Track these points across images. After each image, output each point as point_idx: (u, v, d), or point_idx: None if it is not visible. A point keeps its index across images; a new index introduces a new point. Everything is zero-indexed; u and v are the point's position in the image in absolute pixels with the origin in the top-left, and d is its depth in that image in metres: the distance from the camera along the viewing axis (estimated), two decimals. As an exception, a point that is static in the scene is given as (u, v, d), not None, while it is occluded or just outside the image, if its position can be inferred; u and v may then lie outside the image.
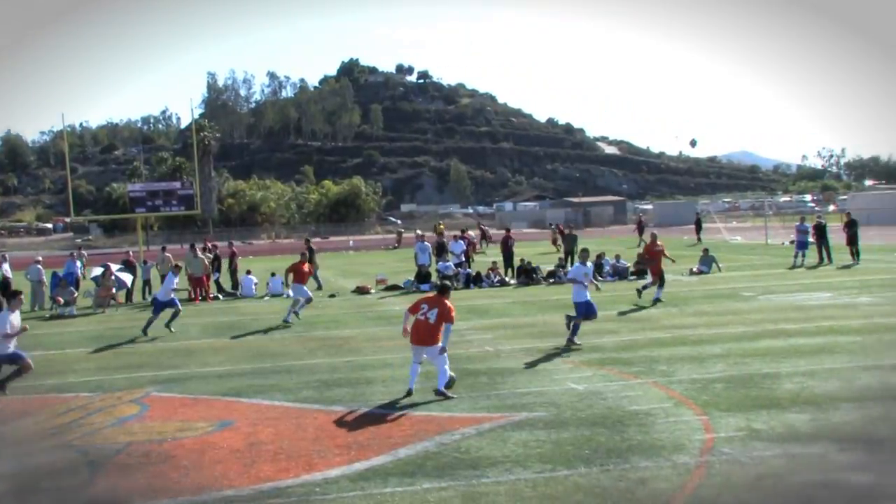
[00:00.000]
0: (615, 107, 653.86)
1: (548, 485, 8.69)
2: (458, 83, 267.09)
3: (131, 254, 34.32)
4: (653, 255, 24.51)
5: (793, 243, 36.32)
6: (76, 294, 29.03)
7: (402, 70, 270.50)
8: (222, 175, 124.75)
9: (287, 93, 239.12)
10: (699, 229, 56.87)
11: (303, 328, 21.75)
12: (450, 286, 14.36)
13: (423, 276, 31.46)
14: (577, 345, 16.88)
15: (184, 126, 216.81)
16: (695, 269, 32.37)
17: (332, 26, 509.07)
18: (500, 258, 34.33)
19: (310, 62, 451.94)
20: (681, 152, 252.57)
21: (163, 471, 9.83)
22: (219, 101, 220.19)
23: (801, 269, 32.33)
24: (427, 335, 13.19)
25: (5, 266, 30.44)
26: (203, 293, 30.33)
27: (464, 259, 33.20)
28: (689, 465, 9.04)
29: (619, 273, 31.53)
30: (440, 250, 33.60)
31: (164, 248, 32.75)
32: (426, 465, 9.52)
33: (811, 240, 35.42)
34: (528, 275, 31.61)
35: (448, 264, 31.80)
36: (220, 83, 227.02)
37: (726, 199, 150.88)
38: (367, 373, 15.23)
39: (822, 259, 34.28)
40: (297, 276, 23.53)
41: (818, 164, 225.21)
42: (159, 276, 29.04)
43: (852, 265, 32.55)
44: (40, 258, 32.78)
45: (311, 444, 10.60)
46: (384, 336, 19.77)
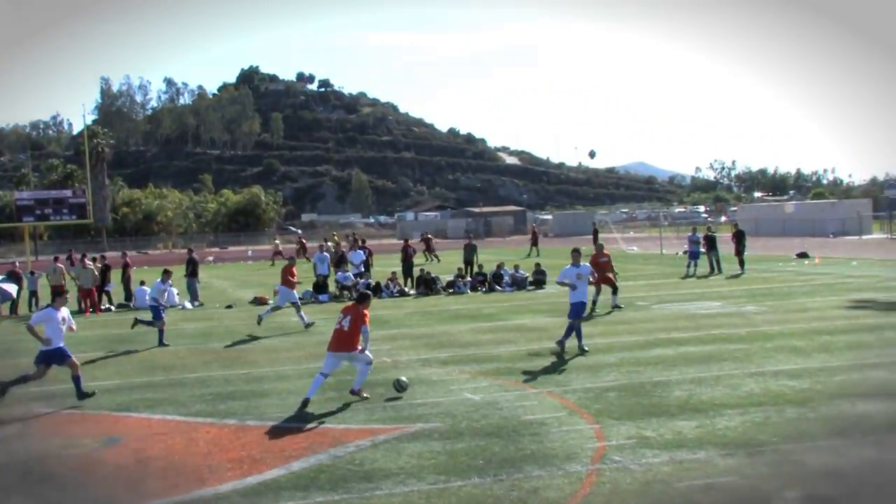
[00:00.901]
0: (516, 117, 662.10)
1: (441, 496, 8.73)
2: (359, 92, 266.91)
3: (17, 264, 33.11)
4: (598, 265, 24.89)
5: (686, 253, 37.30)
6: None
7: (303, 78, 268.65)
8: (117, 183, 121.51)
9: (185, 100, 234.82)
10: (596, 239, 57.96)
11: (199, 340, 21.35)
12: (369, 295, 14.39)
13: (321, 287, 31.24)
14: (585, 351, 16.83)
15: (76, 132, 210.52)
16: (591, 280, 32.88)
17: (231, 33, 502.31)
18: (400, 268, 34.31)
19: (208, 69, 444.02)
20: (580, 163, 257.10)
21: (42, 491, 9.50)
22: (113, 108, 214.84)
23: (693, 279, 33.25)
24: (344, 342, 13.32)
25: None
26: (93, 305, 29.49)
27: (363, 269, 33.08)
28: (580, 474, 9.20)
29: (518, 283, 31.89)
30: (340, 261, 33.41)
31: (56, 259, 31.77)
32: (320, 479, 9.44)
33: (702, 250, 36.48)
34: (427, 285, 31.70)
35: (347, 275, 31.65)
36: (115, 89, 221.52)
37: (624, 210, 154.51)
38: (262, 385, 15.03)
39: (712, 269, 35.30)
40: (286, 281, 23.57)
41: (711, 175, 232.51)
42: (49, 286, 28.11)
43: (739, 274, 33.64)
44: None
45: (203, 459, 10.40)
46: (281, 348, 19.56)
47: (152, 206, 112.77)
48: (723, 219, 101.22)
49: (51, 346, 13.93)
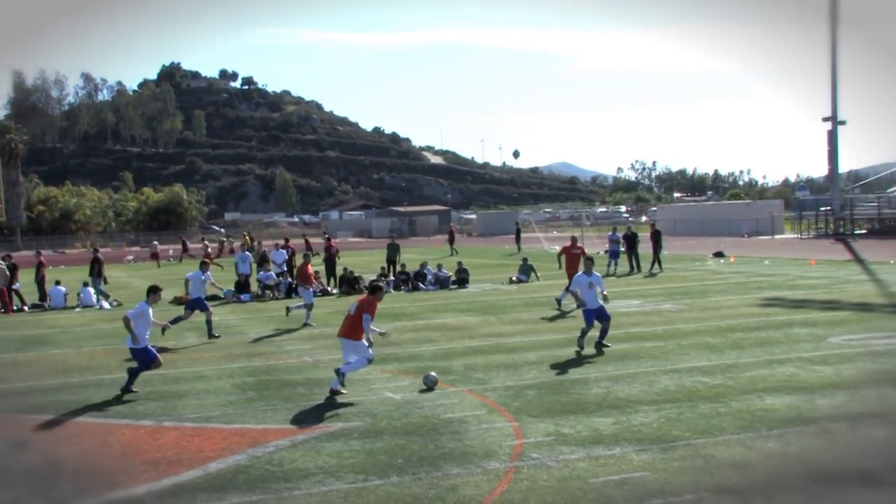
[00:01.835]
0: (441, 117, 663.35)
1: (359, 495, 8.71)
2: (283, 90, 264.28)
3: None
4: (570, 257, 25.16)
5: (606, 252, 37.86)
6: None
7: (226, 76, 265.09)
8: (32, 181, 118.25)
9: (104, 96, 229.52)
10: (519, 238, 58.53)
11: (116, 340, 20.89)
12: (381, 287, 14.45)
13: (242, 286, 30.88)
14: (607, 346, 16.62)
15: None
16: (514, 278, 33.24)
17: (151, 28, 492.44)
18: (323, 267, 34.08)
19: (127, 65, 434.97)
20: (504, 163, 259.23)
21: (-50, 496, 9.21)
22: (27, 103, 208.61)
23: (613, 278, 33.76)
24: (349, 328, 13.58)
25: None
26: (4, 305, 28.67)
27: (286, 269, 32.79)
28: (498, 471, 9.27)
29: (441, 282, 31.98)
30: (262, 260, 33.06)
31: None
32: (237, 479, 9.34)
33: (622, 249, 37.10)
34: (350, 284, 31.58)
35: (269, 274, 31.34)
36: (29, 83, 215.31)
37: (547, 210, 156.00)
38: (180, 386, 14.79)
39: (632, 268, 35.91)
40: (303, 279, 23.21)
41: (632, 176, 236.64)
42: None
43: (658, 273, 34.29)
44: None
45: (117, 462, 10.20)
46: (201, 348, 19.30)
47: (70, 204, 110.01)
48: (643, 219, 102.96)
49: None
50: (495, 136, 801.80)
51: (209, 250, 54.81)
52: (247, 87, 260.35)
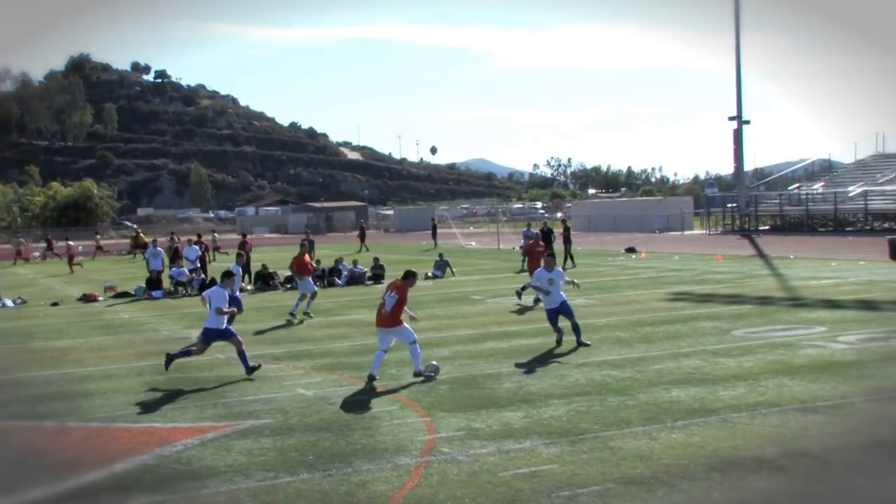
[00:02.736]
0: (358, 113, 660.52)
1: (269, 492, 8.62)
2: (198, 84, 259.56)
3: None
4: (535, 254, 25.31)
5: (521, 248, 38.19)
6: None
7: (139, 68, 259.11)
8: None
9: (6, 86, 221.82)
10: (435, 234, 58.68)
11: (20, 339, 20.29)
12: (414, 273, 14.69)
13: (154, 283, 30.26)
14: (585, 343, 16.28)
15: None
16: (429, 274, 33.28)
17: (57, 17, 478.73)
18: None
19: (32, 55, 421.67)
20: (422, 159, 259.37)
21: None
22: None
23: (527, 273, 34.04)
24: (387, 317, 13.87)
25: None
26: None
27: (199, 265, 32.23)
28: (409, 466, 9.28)
29: (356, 278, 31.85)
30: (174, 256, 32.45)
31: None
32: (143, 479, 9.15)
33: (538, 245, 37.46)
34: (265, 280, 31.23)
35: (182, 270, 30.79)
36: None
37: (464, 206, 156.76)
38: (86, 385, 14.43)
39: (546, 263, 36.27)
40: (302, 269, 22.80)
41: (548, 173, 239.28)
42: None
43: (570, 268, 34.74)
44: None
45: (16, 465, 9.89)
46: (110, 346, 18.87)
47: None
48: (559, 215, 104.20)
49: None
50: (413, 132, 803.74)
51: (216, 241, 52.17)
52: (160, 80, 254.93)
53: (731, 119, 64.51)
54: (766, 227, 64.31)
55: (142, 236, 56.86)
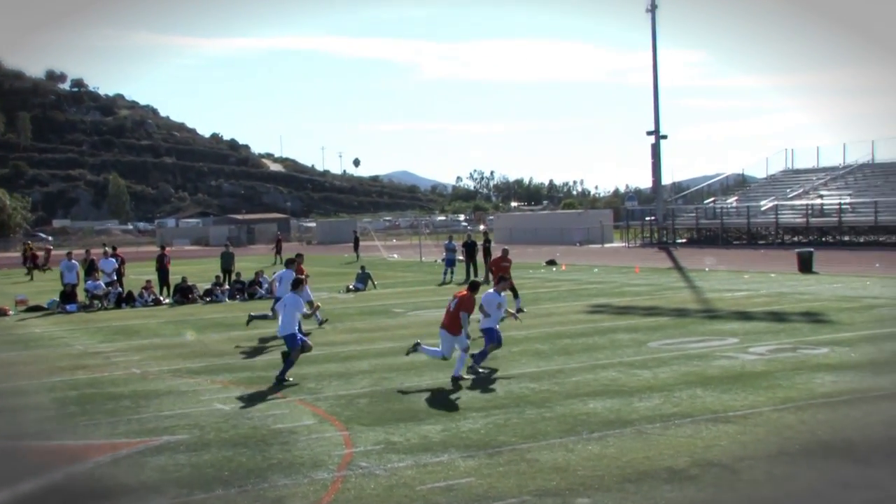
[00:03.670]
0: (281, 124, 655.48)
1: (182, 510, 8.46)
2: (116, 94, 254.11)
3: None
4: (500, 269, 25.00)
5: (443, 261, 38.31)
6: None
7: (54, 77, 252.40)
8: None
9: None
10: (357, 246, 58.46)
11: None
12: (479, 283, 15.55)
13: (68, 296, 29.49)
14: (482, 371, 15.18)
15: None
16: (351, 287, 33.15)
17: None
18: (156, 276, 32.97)
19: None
20: (345, 171, 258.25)
21: None
22: None
23: (451, 285, 34.18)
24: (449, 323, 14.63)
25: None
26: None
27: (115, 278, 31.50)
28: (325, 481, 9.20)
29: (278, 291, 31.49)
30: (90, 269, 31.68)
31: None
32: (49, 500, 8.90)
33: (460, 257, 37.72)
34: (184, 293, 30.71)
35: (98, 283, 30.06)
36: None
37: (387, 218, 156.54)
38: (-6, 403, 13.97)
39: (468, 276, 36.41)
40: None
41: (471, 185, 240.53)
42: None
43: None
44: None
45: (-82, 486, 9.52)
46: (21, 361, 18.34)
47: None
48: (481, 227, 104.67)
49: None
50: (336, 144, 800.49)
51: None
52: (77, 89, 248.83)
53: (650, 134, 65.90)
54: (683, 240, 65.71)
55: (30, 246, 55.06)
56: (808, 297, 25.03)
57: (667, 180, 75.72)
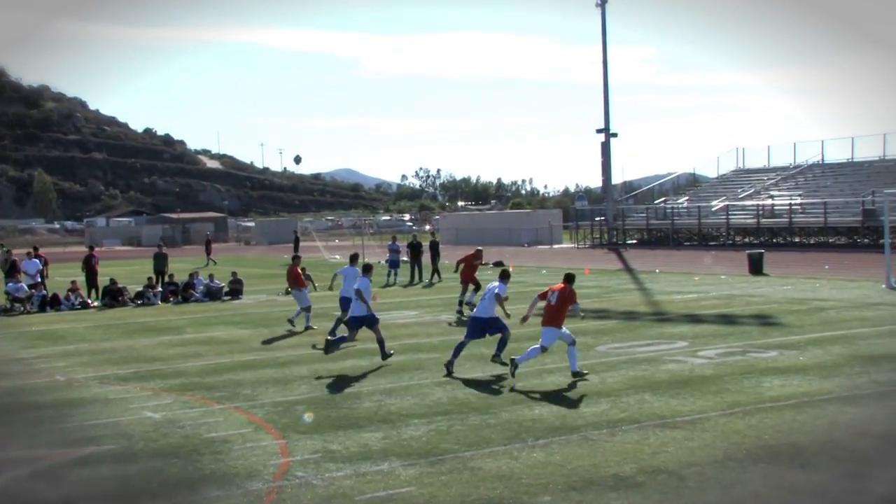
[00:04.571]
0: (218, 120, 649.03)
1: (107, 525, 8.33)
2: (41, 85, 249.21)
3: None
4: (471, 267, 25.16)
5: (387, 262, 38.22)
6: None
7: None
8: None
9: None
10: (297, 247, 57.98)
11: None
12: (574, 276, 15.46)
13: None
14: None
15: None
16: (289, 289, 32.84)
17: None
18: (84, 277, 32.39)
19: None
20: (285, 168, 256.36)
21: None
22: None
23: (394, 288, 34.18)
24: (553, 317, 14.77)
25: None
26: None
27: (39, 279, 30.89)
28: (260, 492, 9.13)
29: (213, 294, 31.18)
30: (11, 270, 31.04)
31: None
32: (-34, 516, 8.71)
33: (404, 258, 37.72)
34: (113, 296, 30.23)
35: (20, 285, 29.46)
36: None
37: (329, 217, 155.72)
38: None
39: (413, 278, 36.47)
40: (297, 281, 22.47)
41: (416, 184, 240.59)
42: None
43: (437, 283, 35.02)
44: None
45: None
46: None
47: None
48: (427, 227, 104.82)
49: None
50: (276, 140, 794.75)
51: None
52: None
53: (599, 132, 66.42)
54: (634, 241, 66.44)
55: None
56: (757, 300, 25.47)
57: (617, 179, 76.39)
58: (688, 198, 69.28)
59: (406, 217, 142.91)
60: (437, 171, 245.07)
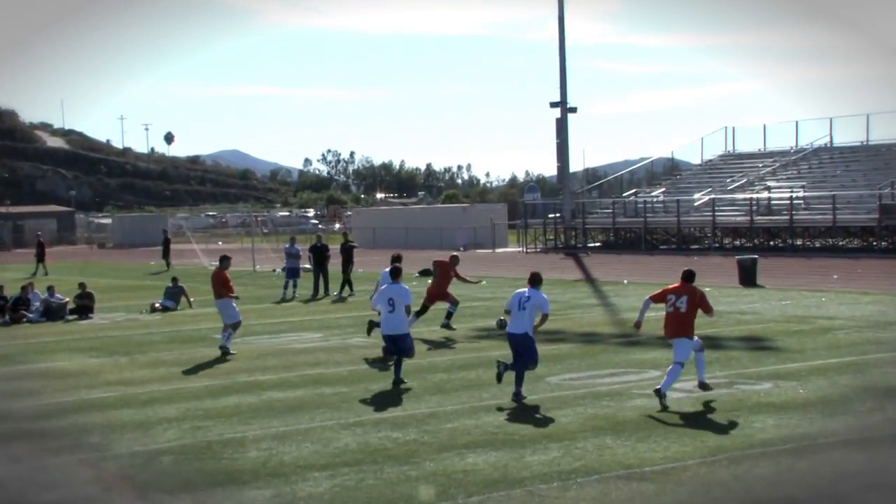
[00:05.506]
0: (62, 85, 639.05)
1: None
2: None
3: None
4: (448, 276, 25.11)
5: (283, 270, 37.93)
6: None
7: None
8: None
9: None
10: (167, 252, 57.40)
11: None
12: (693, 272, 16.01)
13: None
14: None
15: None
16: (157, 305, 32.59)
17: None
18: None
19: None
20: (153, 149, 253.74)
21: None
22: None
23: (292, 303, 34.01)
24: (683, 326, 15.57)
25: None
26: None
27: None
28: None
29: (54, 311, 30.66)
30: None
31: None
32: None
33: (308, 266, 37.51)
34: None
35: None
36: None
37: (211, 213, 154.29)
38: None
39: (317, 290, 36.26)
40: (228, 288, 22.94)
41: (324, 170, 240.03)
42: None
43: (348, 297, 34.94)
44: None
45: None
46: None
47: None
48: (337, 226, 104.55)
49: None
50: (140, 114, 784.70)
51: None
52: None
53: (554, 105, 66.50)
54: (597, 244, 67.03)
55: None
56: (749, 318, 25.92)
57: (577, 166, 77.45)
58: (664, 189, 70.06)
59: (310, 213, 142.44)
60: (351, 154, 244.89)
